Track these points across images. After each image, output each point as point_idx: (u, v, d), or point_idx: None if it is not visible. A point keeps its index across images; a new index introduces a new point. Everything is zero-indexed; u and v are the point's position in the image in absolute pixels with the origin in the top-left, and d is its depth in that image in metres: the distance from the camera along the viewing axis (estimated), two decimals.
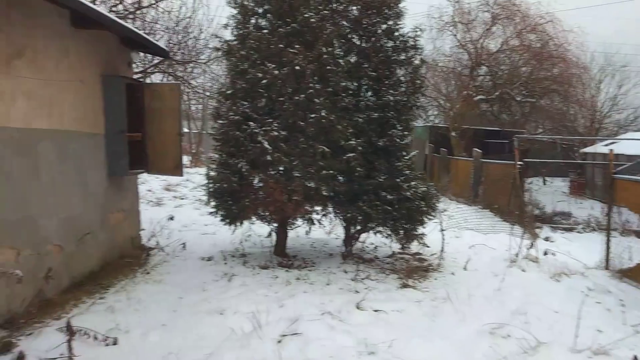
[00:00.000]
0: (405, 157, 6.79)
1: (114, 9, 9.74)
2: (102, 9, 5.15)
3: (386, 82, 6.82)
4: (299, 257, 7.21)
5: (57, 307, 4.90)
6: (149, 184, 14.07)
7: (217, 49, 6.78)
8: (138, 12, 10.09)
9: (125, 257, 6.80)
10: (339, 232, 8.46)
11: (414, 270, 6.58)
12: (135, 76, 8.30)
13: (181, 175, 7.02)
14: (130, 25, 5.69)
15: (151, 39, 6.68)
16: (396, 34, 7.02)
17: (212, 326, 4.56)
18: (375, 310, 5.05)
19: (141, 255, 7.05)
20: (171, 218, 9.38)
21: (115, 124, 6.21)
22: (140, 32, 6.05)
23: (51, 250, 5.13)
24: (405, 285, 5.95)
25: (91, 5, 5.13)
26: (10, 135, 4.45)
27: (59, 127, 5.22)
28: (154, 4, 10.47)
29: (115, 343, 4.15)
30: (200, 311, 4.94)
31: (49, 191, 5.08)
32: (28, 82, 4.66)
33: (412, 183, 6.56)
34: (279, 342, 4.23)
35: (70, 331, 3.65)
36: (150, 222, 8.66)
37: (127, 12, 9.76)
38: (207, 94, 15.99)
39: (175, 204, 12.14)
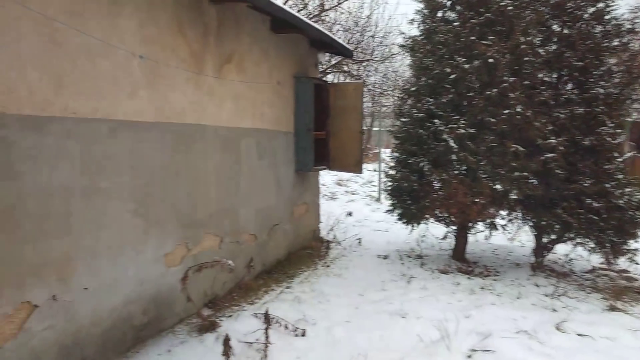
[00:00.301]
0: (617, 159, 5.82)
1: (299, 12, 10.30)
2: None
3: (594, 72, 5.94)
4: (480, 264, 6.73)
5: (251, 292, 5.29)
6: (322, 178, 14.70)
7: (402, 46, 6.64)
8: (321, 14, 10.52)
9: (307, 249, 7.14)
10: (524, 239, 7.74)
11: (622, 290, 5.64)
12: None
13: (360, 172, 7.09)
14: (321, 28, 5.89)
15: (338, 40, 6.86)
16: (607, 17, 6.06)
17: (396, 329, 4.45)
18: (580, 335, 4.40)
19: (321, 247, 7.31)
20: (349, 214, 9.59)
21: (304, 123, 6.52)
22: (330, 34, 6.25)
23: (247, 239, 5.57)
24: (613, 308, 5.11)
25: (292, 11, 5.41)
26: (220, 133, 4.91)
27: (259, 126, 5.65)
28: (336, 6, 10.81)
29: (303, 334, 4.28)
30: (382, 311, 4.88)
31: (249, 184, 5.52)
32: (235, 84, 5.09)
33: (626, 190, 5.60)
34: (469, 357, 3.93)
35: (267, 320, 3.86)
36: (327, 216, 8.99)
37: (311, 16, 10.24)
38: (379, 91, 16.14)
39: (347, 199, 12.45)
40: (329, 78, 13.73)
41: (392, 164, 6.85)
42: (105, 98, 3.45)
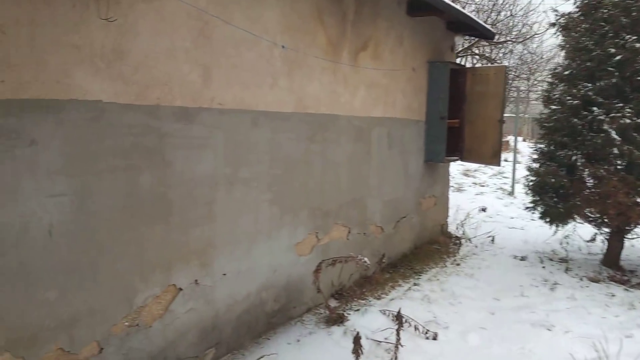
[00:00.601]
0: None
1: None
2: None
3: None
4: (638, 273, 5.85)
5: (377, 286, 5.14)
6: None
7: (552, 24, 5.91)
8: None
9: (434, 244, 6.80)
10: None
11: None
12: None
13: (498, 165, 6.52)
14: (462, 9, 5.44)
15: (480, 21, 6.32)
16: None
17: (540, 342, 4.00)
18: None
19: (449, 243, 6.94)
20: (483, 209, 8.98)
21: (437, 110, 6.15)
22: (471, 15, 5.76)
23: (374, 231, 5.42)
24: None
25: None
26: (353, 123, 4.79)
27: (391, 114, 5.43)
28: None
29: (434, 338, 4.03)
30: (522, 320, 4.43)
31: (377, 175, 5.35)
32: (369, 72, 4.91)
33: None
34: None
35: (399, 320, 3.67)
36: (455, 209, 8.51)
37: None
38: (514, 74, 14.94)
39: (475, 191, 11.73)
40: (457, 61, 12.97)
41: (535, 156, 6.20)
42: (248, 88, 3.48)
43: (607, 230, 6.01)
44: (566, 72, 5.60)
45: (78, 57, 2.44)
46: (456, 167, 14.28)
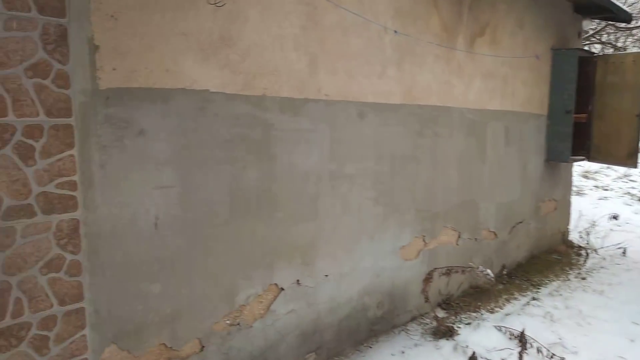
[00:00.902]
0: None
1: None
2: None
3: None
4: None
5: (490, 298, 4.66)
6: None
7: None
8: None
9: (552, 253, 6.12)
10: None
11: None
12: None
13: (635, 166, 5.65)
14: None
15: (617, 3, 5.52)
16: None
17: None
18: None
19: (570, 253, 6.20)
20: (615, 217, 7.96)
21: (562, 104, 5.48)
22: None
23: (486, 236, 4.94)
24: None
25: None
26: (466, 116, 4.37)
27: (508, 107, 4.92)
28: None
29: None
30: None
31: (492, 175, 4.87)
32: (486, 60, 4.47)
33: None
34: None
35: (523, 342, 3.23)
36: (576, 215, 7.63)
37: None
38: None
39: (597, 196, 10.51)
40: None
41: None
42: (355, 78, 3.25)
43: None
44: None
45: (186, 45, 2.36)
46: (573, 168, 12.95)
